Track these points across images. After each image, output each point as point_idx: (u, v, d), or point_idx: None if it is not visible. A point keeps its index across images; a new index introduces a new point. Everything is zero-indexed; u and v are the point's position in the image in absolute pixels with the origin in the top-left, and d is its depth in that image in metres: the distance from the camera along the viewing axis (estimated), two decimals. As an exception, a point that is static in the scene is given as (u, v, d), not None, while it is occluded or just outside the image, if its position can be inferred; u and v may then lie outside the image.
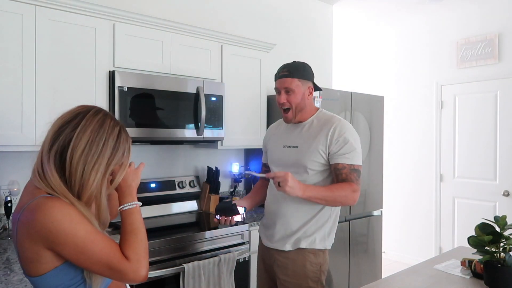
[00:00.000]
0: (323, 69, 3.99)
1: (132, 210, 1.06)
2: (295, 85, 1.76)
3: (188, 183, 2.87)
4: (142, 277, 1.00)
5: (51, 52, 2.05)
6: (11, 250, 1.87)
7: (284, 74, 1.77)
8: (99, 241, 0.95)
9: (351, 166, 1.70)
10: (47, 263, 0.96)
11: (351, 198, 1.69)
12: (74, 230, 0.92)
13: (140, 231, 1.04)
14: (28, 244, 0.94)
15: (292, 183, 1.57)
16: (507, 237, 1.45)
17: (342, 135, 1.72)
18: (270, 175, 1.62)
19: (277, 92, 1.82)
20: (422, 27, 4.53)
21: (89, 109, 1.04)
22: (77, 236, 0.92)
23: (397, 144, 4.74)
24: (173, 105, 2.43)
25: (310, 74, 1.83)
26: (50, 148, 1.00)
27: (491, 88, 3.97)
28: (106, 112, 1.07)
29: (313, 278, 1.75)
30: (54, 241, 0.92)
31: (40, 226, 0.92)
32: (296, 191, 1.59)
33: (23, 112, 1.97)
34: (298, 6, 3.78)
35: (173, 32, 2.51)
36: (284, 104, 1.79)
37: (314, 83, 1.86)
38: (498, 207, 3.89)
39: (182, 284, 2.11)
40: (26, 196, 1.02)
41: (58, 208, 0.93)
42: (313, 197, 1.64)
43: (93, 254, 0.94)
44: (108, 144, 1.02)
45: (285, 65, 1.81)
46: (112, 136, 1.03)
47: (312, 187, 1.67)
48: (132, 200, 1.07)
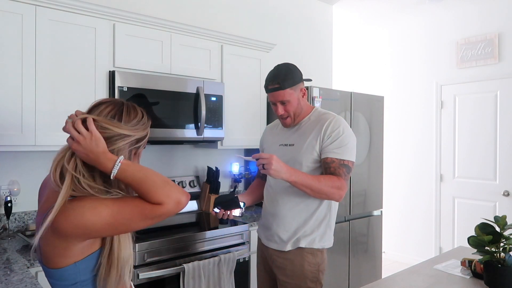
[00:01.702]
0: (323, 69, 3.99)
1: (123, 168, 0.97)
2: (289, 95, 1.75)
3: (188, 183, 2.87)
4: (184, 204, 1.00)
5: (51, 52, 2.05)
6: (11, 250, 1.87)
7: (275, 88, 1.75)
8: (124, 207, 0.96)
9: (341, 161, 1.70)
10: (73, 257, 0.98)
11: (337, 193, 1.67)
12: (99, 216, 0.94)
13: (146, 176, 0.98)
14: (58, 242, 0.97)
15: (277, 165, 1.56)
16: (507, 237, 1.45)
17: (335, 130, 1.72)
18: (256, 156, 1.61)
19: (273, 104, 1.81)
20: (422, 28, 4.53)
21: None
22: (105, 218, 0.93)
23: (397, 144, 4.74)
24: (173, 105, 2.43)
25: (299, 76, 1.80)
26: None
27: (491, 88, 3.97)
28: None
29: (311, 278, 1.75)
30: (90, 234, 0.96)
31: (74, 226, 0.94)
32: (282, 174, 1.58)
33: (23, 112, 1.97)
34: (298, 6, 3.78)
35: (173, 32, 2.51)
36: (283, 115, 1.80)
37: (304, 79, 1.84)
38: (498, 207, 3.89)
39: (182, 284, 2.11)
40: (52, 195, 1.01)
41: (88, 207, 0.94)
42: (299, 183, 1.63)
43: (128, 220, 0.95)
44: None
45: (272, 76, 1.77)
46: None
47: (300, 173, 1.65)
48: (113, 162, 0.97)
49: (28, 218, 2.26)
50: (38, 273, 1.73)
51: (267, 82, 1.79)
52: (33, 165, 2.29)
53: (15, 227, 2.22)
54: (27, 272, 1.57)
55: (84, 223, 0.93)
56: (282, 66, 1.80)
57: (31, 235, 2.08)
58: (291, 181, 1.62)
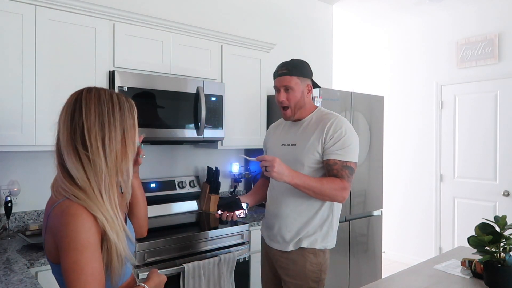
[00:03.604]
0: (323, 69, 3.99)
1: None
2: (294, 83, 1.76)
3: (188, 183, 2.87)
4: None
5: (51, 52, 2.05)
6: (11, 250, 1.87)
7: (283, 72, 1.77)
8: (88, 273, 0.95)
9: (344, 162, 1.69)
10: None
11: (340, 195, 1.68)
12: (80, 248, 0.94)
13: None
14: (51, 238, 1.00)
15: (279, 168, 1.57)
16: (507, 237, 1.45)
17: (337, 131, 1.71)
18: (259, 158, 1.61)
19: (276, 90, 1.82)
20: (422, 28, 4.53)
21: (82, 91, 1.10)
22: (78, 256, 0.94)
23: (397, 144, 4.74)
24: (173, 105, 2.43)
25: (309, 71, 1.83)
26: (71, 140, 1.02)
27: (491, 88, 3.97)
28: (97, 87, 1.12)
29: (313, 278, 1.75)
30: (60, 245, 0.96)
31: (58, 229, 0.96)
32: (284, 176, 1.59)
33: (23, 112, 1.97)
34: (298, 6, 3.78)
35: (173, 32, 2.51)
36: (283, 102, 1.79)
37: (313, 80, 1.86)
38: (498, 207, 3.89)
39: (182, 284, 2.11)
40: (58, 193, 1.03)
41: (80, 220, 0.96)
42: (301, 185, 1.63)
43: (77, 276, 0.94)
44: (114, 109, 1.06)
45: (284, 63, 1.81)
46: (112, 101, 1.07)
47: (302, 176, 1.65)
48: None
49: (28, 218, 2.26)
50: (38, 273, 1.73)
51: (277, 68, 1.82)
52: (33, 165, 2.29)
53: (15, 227, 2.21)
54: (27, 272, 1.57)
55: (68, 236, 0.95)
56: (296, 59, 1.84)
57: (31, 235, 2.08)
58: (293, 184, 1.62)
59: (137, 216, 1.30)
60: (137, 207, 1.30)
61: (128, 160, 1.06)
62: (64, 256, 0.94)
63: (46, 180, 2.29)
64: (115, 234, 1.00)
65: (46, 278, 1.71)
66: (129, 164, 1.07)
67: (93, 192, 0.99)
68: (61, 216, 0.96)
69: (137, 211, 1.30)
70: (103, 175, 1.00)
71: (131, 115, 1.10)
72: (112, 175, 1.02)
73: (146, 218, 1.34)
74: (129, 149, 1.07)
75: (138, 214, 1.30)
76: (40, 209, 2.29)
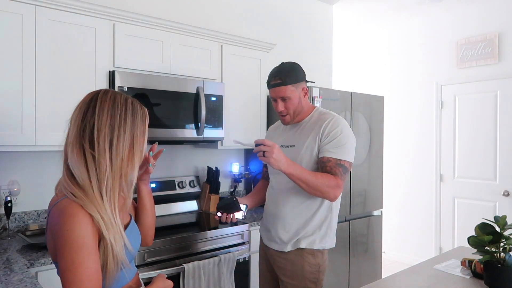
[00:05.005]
0: (323, 69, 3.99)
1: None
2: (290, 91, 1.74)
3: (188, 183, 2.87)
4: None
5: (51, 52, 2.05)
6: (11, 250, 1.87)
7: (277, 83, 1.75)
8: (84, 274, 0.95)
9: (338, 160, 1.68)
10: None
11: (332, 192, 1.66)
12: (76, 248, 0.94)
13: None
14: (51, 237, 1.00)
15: (278, 155, 1.55)
16: (507, 237, 1.45)
17: (333, 129, 1.71)
18: (259, 141, 1.58)
19: (273, 100, 1.81)
20: (422, 28, 4.53)
21: (98, 92, 1.09)
22: (73, 255, 0.94)
23: (397, 144, 4.74)
24: (173, 105, 2.43)
25: (302, 74, 1.80)
26: (79, 137, 1.01)
27: (491, 88, 3.97)
28: (113, 90, 1.12)
29: (311, 279, 1.75)
30: (57, 244, 0.96)
31: (56, 228, 0.96)
32: (281, 164, 1.57)
33: (23, 112, 1.97)
34: (298, 6, 3.78)
35: (173, 32, 2.51)
36: (283, 111, 1.79)
37: (306, 80, 1.84)
38: (498, 207, 3.89)
39: (182, 284, 2.11)
40: (59, 192, 1.04)
41: (76, 220, 0.95)
42: (295, 176, 1.61)
43: (72, 276, 0.94)
44: (126, 114, 1.06)
45: (275, 72, 1.78)
46: (126, 106, 1.07)
47: (298, 166, 1.64)
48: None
49: (28, 218, 2.26)
50: (38, 273, 1.73)
51: (269, 77, 1.79)
52: (33, 165, 2.29)
53: (15, 227, 2.21)
54: (27, 272, 1.57)
55: (65, 236, 0.96)
56: (286, 64, 1.80)
57: (31, 235, 2.08)
58: (288, 173, 1.61)
59: (142, 224, 1.29)
60: (144, 214, 1.30)
61: (134, 165, 1.06)
62: (61, 255, 0.94)
63: (46, 180, 2.31)
64: (112, 235, 1.00)
65: (46, 278, 1.71)
66: (134, 170, 1.06)
67: (92, 191, 0.99)
68: (59, 215, 0.96)
69: (143, 219, 1.30)
70: (106, 176, 1.00)
71: (142, 122, 1.10)
72: (115, 178, 1.02)
73: (153, 228, 1.34)
74: (136, 155, 1.07)
75: (144, 222, 1.30)
76: (40, 209, 2.30)
